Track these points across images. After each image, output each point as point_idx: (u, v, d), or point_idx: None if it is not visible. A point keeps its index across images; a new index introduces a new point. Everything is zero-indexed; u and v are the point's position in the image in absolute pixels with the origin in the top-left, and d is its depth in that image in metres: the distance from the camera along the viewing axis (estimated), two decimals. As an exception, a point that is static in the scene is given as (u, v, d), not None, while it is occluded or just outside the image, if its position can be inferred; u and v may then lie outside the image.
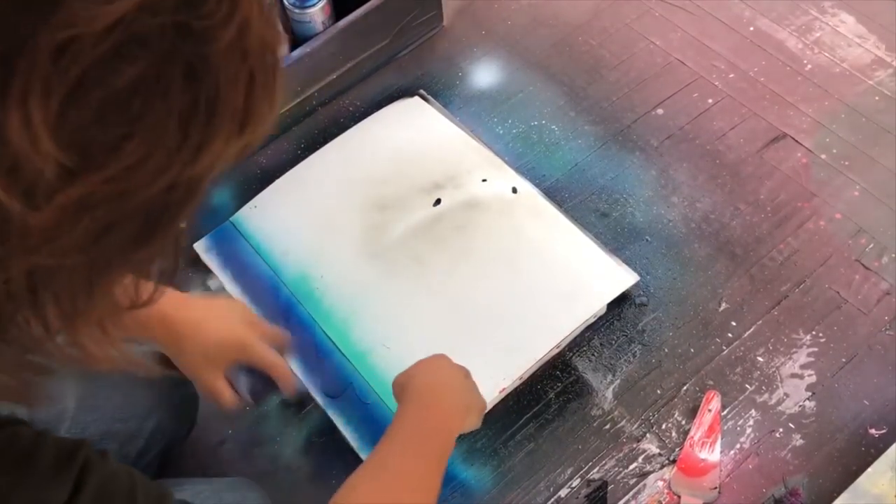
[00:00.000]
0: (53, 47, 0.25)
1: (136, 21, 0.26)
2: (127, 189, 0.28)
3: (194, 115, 0.29)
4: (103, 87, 0.26)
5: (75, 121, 0.26)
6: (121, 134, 0.27)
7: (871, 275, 0.99)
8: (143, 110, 0.27)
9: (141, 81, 0.27)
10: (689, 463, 0.87)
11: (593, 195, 1.08)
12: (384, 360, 0.93)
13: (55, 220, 0.27)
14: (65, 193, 0.27)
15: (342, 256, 1.01)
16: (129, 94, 0.27)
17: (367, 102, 1.19)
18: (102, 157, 0.27)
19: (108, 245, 0.30)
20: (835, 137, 1.11)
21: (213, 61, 0.28)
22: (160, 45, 0.27)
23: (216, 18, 0.28)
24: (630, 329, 0.97)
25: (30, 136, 0.25)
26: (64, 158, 0.26)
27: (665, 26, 1.24)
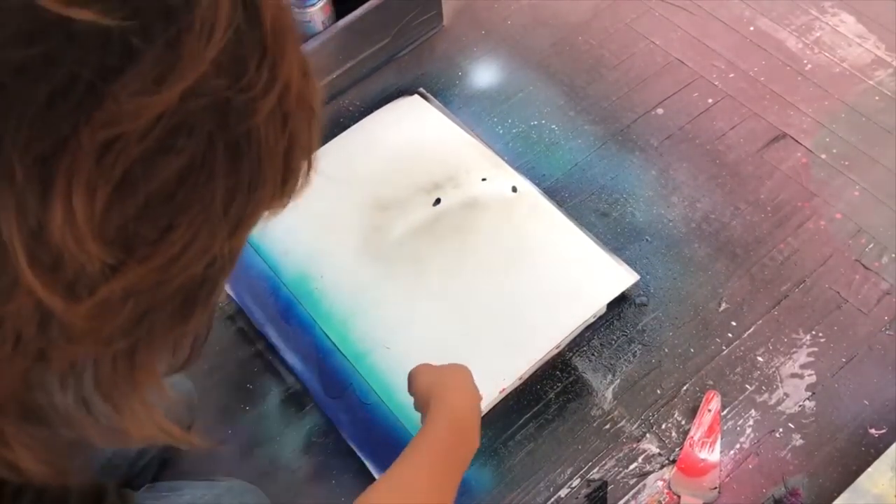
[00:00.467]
0: (97, 146, 0.24)
1: (181, 109, 0.24)
2: (170, 276, 0.28)
3: (237, 193, 0.28)
4: (148, 181, 0.25)
5: (119, 217, 0.25)
6: (166, 225, 0.26)
7: (871, 275, 0.99)
8: (188, 200, 0.26)
9: (186, 170, 0.26)
10: (688, 463, 0.87)
11: (593, 195, 1.08)
12: (384, 361, 0.93)
13: (97, 312, 0.26)
14: (108, 287, 0.26)
15: (342, 256, 1.01)
16: (175, 186, 0.26)
17: (367, 102, 1.19)
18: (146, 250, 0.26)
19: (149, 327, 0.29)
20: (835, 137, 1.11)
21: (254, 134, 0.27)
22: (203, 129, 0.25)
23: (257, 89, 0.26)
24: (630, 329, 0.97)
25: (73, 236, 0.24)
26: (107, 256, 0.25)
27: (665, 26, 1.24)
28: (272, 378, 0.96)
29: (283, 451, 0.91)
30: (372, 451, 0.89)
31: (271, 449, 0.91)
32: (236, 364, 0.97)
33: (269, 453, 0.91)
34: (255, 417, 0.93)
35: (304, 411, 0.94)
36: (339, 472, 0.89)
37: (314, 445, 0.92)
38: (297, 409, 0.94)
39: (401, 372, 0.92)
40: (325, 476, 0.90)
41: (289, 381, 0.96)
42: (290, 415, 0.94)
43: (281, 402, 0.94)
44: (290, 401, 0.94)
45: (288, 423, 0.93)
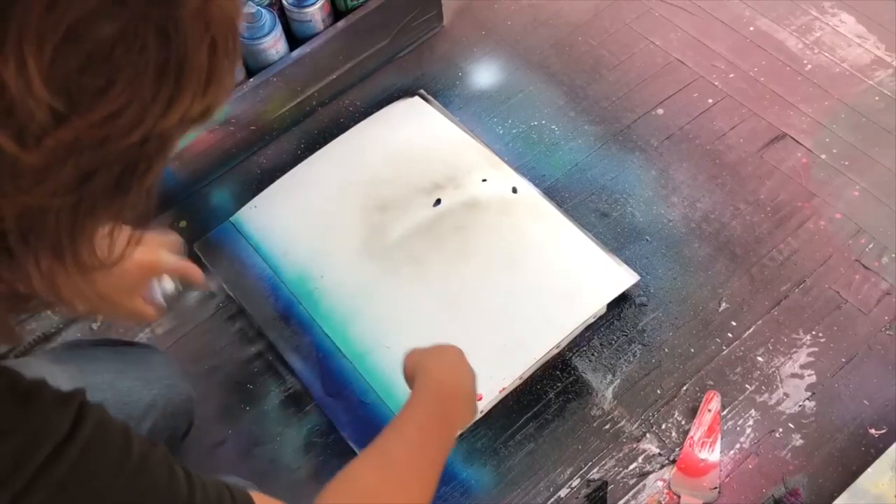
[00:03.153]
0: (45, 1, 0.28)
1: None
2: (108, 136, 0.32)
3: (166, 71, 0.32)
4: (89, 38, 0.29)
5: (64, 68, 0.29)
6: (104, 82, 0.31)
7: (871, 275, 0.99)
8: (123, 62, 0.31)
9: (121, 36, 0.30)
10: (688, 463, 0.87)
11: (593, 195, 1.08)
12: (383, 360, 0.93)
13: (45, 161, 0.30)
14: (54, 136, 0.30)
15: (342, 256, 1.01)
16: (111, 47, 0.30)
17: (367, 102, 1.19)
18: (88, 103, 0.30)
19: (91, 190, 0.33)
20: (835, 137, 1.11)
21: (181, 25, 0.32)
22: (136, 5, 0.30)
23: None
24: (630, 329, 0.97)
25: (24, 81, 0.28)
26: (55, 102, 0.29)
27: (665, 26, 1.24)
28: (272, 378, 0.96)
29: (283, 451, 0.91)
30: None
31: (271, 449, 0.91)
32: (236, 364, 0.97)
33: (269, 453, 0.91)
34: (255, 417, 0.94)
35: (304, 411, 0.94)
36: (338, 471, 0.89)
37: (314, 445, 0.92)
38: (297, 409, 0.94)
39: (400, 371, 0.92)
40: (325, 476, 0.89)
41: (289, 381, 0.96)
42: (290, 415, 0.94)
43: (281, 402, 0.94)
44: (290, 401, 0.94)
45: (288, 423, 0.93)
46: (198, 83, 0.34)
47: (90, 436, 0.39)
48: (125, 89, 0.31)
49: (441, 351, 0.73)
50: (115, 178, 0.34)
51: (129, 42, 0.30)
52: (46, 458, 0.37)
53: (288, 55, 1.10)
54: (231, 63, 0.36)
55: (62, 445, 0.38)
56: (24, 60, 0.28)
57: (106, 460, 0.40)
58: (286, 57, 1.10)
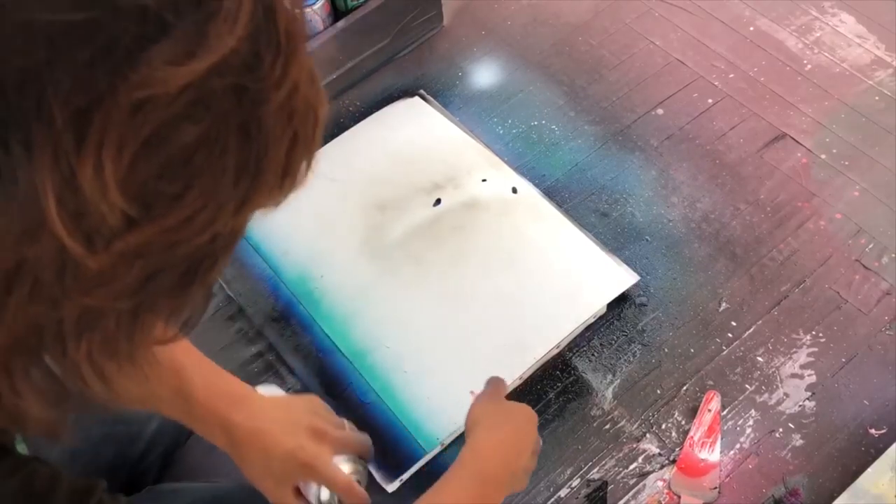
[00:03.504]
0: (130, 104, 0.27)
1: (205, 83, 0.28)
2: (179, 239, 0.30)
3: (244, 171, 0.31)
4: (171, 143, 0.28)
5: (143, 174, 0.28)
6: (182, 187, 0.29)
7: (871, 275, 0.99)
8: (202, 166, 0.29)
9: (203, 140, 0.29)
10: (689, 463, 0.87)
11: (593, 195, 1.08)
12: (384, 360, 0.93)
13: (111, 265, 0.29)
14: (124, 240, 0.28)
15: (342, 256, 1.01)
16: (192, 151, 0.29)
17: (367, 102, 1.19)
18: (162, 209, 0.29)
19: (154, 290, 0.31)
20: (835, 137, 1.11)
21: (264, 121, 0.30)
22: (221, 105, 0.29)
23: (270, 82, 0.30)
24: (630, 329, 0.97)
25: (100, 186, 0.27)
26: (128, 208, 0.28)
27: (665, 26, 1.24)
28: (272, 378, 0.96)
29: (284, 451, 0.91)
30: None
31: (271, 449, 0.91)
32: (236, 364, 0.97)
33: (270, 453, 0.91)
34: (255, 417, 0.93)
35: (304, 411, 0.94)
36: (339, 472, 0.89)
37: (314, 445, 0.91)
38: (298, 409, 0.94)
39: (400, 371, 0.92)
40: (326, 476, 0.89)
41: (289, 381, 0.96)
42: (290, 415, 0.93)
43: (281, 402, 0.94)
44: None
45: (288, 423, 0.93)
46: (275, 178, 0.33)
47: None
48: (201, 193, 0.30)
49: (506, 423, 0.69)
50: (179, 277, 0.32)
51: (209, 146, 0.29)
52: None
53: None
54: (311, 153, 0.34)
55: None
56: (102, 165, 0.27)
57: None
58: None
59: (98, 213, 0.27)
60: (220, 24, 0.28)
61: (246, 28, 0.28)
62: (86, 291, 0.29)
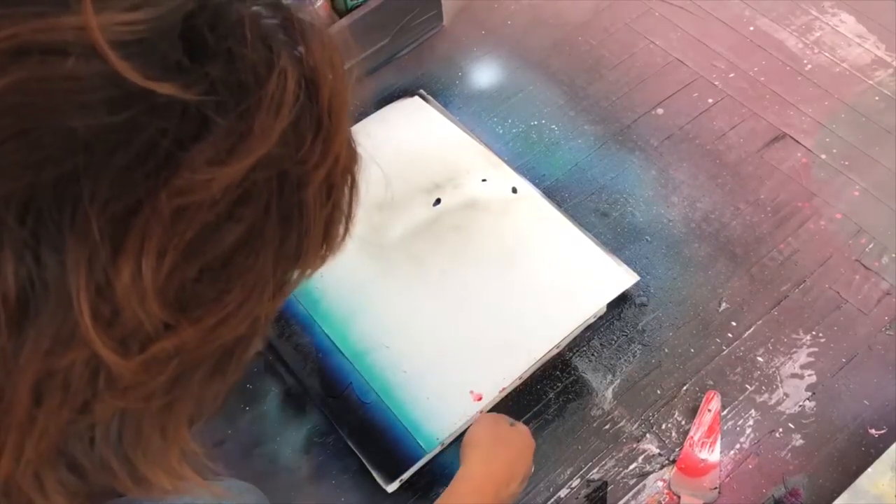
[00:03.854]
0: (171, 211, 0.25)
1: (247, 180, 0.26)
2: (217, 335, 0.29)
3: (285, 257, 0.29)
4: (212, 246, 0.26)
5: (181, 279, 0.26)
6: (220, 290, 0.28)
7: (871, 275, 0.99)
8: (243, 265, 0.28)
9: (243, 239, 0.27)
10: (689, 463, 0.87)
11: (593, 195, 1.08)
12: (384, 360, 0.93)
13: (146, 368, 0.27)
14: (160, 344, 0.27)
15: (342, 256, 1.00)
16: (232, 252, 0.27)
17: (367, 102, 1.19)
18: (200, 311, 0.28)
19: (186, 387, 0.30)
20: (835, 137, 1.11)
21: (304, 204, 0.29)
22: (262, 199, 0.27)
23: (311, 162, 0.28)
24: (630, 329, 0.97)
25: (138, 294, 0.25)
26: (166, 316, 0.26)
27: (665, 26, 1.24)
28: (272, 378, 0.96)
29: (283, 451, 0.91)
30: (371, 451, 0.89)
31: (271, 449, 0.91)
32: (236, 364, 0.97)
33: (269, 453, 0.91)
34: (255, 417, 0.93)
35: (304, 411, 0.94)
36: (339, 472, 0.89)
37: (314, 445, 0.91)
38: (297, 409, 0.94)
39: (400, 371, 0.92)
40: (325, 476, 0.90)
41: (289, 381, 0.96)
42: (290, 415, 0.93)
43: (281, 402, 0.94)
44: (290, 401, 0.94)
45: (288, 423, 0.93)
46: (315, 252, 0.31)
47: None
48: (242, 291, 0.28)
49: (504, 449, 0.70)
50: (213, 369, 0.31)
51: (250, 244, 0.27)
52: None
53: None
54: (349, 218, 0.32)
55: None
56: (141, 273, 0.25)
57: None
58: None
59: (134, 321, 0.26)
60: (263, 114, 0.26)
61: (290, 114, 0.26)
62: (118, 395, 0.28)
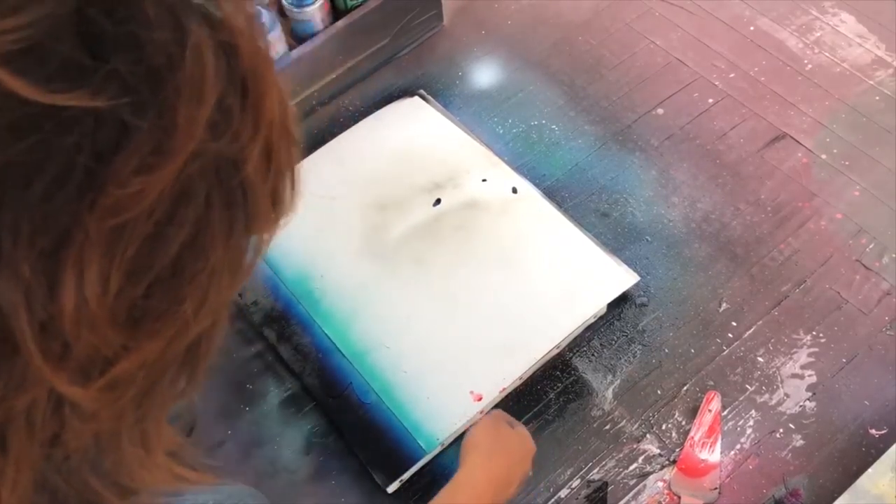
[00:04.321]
0: (105, 233, 0.23)
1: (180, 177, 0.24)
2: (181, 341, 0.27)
3: (234, 240, 0.27)
4: (158, 259, 0.24)
5: (130, 298, 0.24)
6: (175, 298, 0.26)
7: (872, 275, 0.99)
8: (194, 268, 0.26)
9: (189, 241, 0.25)
10: (689, 463, 0.87)
11: (593, 195, 1.08)
12: (384, 360, 0.93)
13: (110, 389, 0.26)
14: (120, 367, 0.25)
15: (342, 256, 1.01)
16: (179, 257, 0.25)
17: (367, 102, 1.19)
18: (157, 325, 0.26)
19: (158, 392, 0.29)
20: (835, 137, 1.11)
21: (248, 181, 0.26)
22: (201, 193, 0.25)
23: (245, 136, 0.25)
24: (630, 329, 0.97)
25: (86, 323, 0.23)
26: (121, 338, 0.25)
27: (665, 26, 1.24)
28: (272, 378, 0.96)
29: (283, 452, 0.91)
30: (371, 451, 0.89)
31: (271, 449, 0.91)
32: (236, 364, 0.97)
33: (269, 453, 0.91)
34: (255, 417, 0.93)
35: (304, 411, 0.94)
36: (339, 472, 0.89)
37: (314, 446, 0.91)
38: (297, 409, 0.94)
39: (400, 371, 0.92)
40: (325, 476, 0.90)
41: (289, 381, 0.95)
42: (290, 415, 0.93)
43: (281, 402, 0.94)
44: (290, 401, 0.94)
45: (288, 423, 0.93)
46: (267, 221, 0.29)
47: None
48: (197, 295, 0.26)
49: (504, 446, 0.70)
50: (180, 367, 0.29)
51: (197, 244, 0.25)
52: None
53: (287, 55, 1.10)
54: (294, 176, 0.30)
55: None
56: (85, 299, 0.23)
57: None
58: (286, 56, 1.10)
59: (88, 348, 0.24)
60: (185, 102, 0.23)
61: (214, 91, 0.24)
62: (88, 421, 0.26)
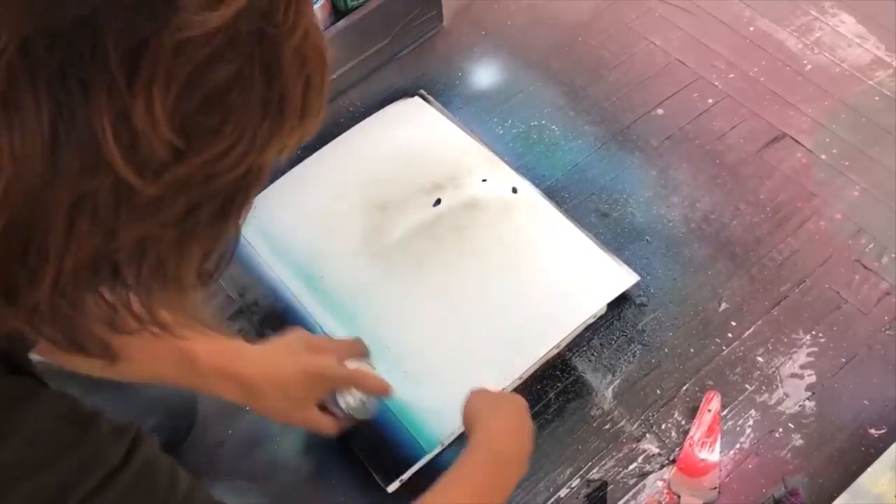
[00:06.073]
0: (172, 46, 0.29)
1: (233, 26, 0.31)
2: (217, 172, 0.33)
3: (270, 108, 0.34)
4: (208, 80, 0.31)
5: (186, 109, 0.31)
6: (219, 121, 0.32)
7: (871, 275, 0.99)
8: (235, 102, 0.32)
9: (235, 78, 0.32)
10: (688, 463, 0.87)
11: (593, 195, 1.08)
12: (384, 360, 0.93)
13: (160, 195, 0.32)
14: (172, 171, 0.31)
15: (342, 256, 1.01)
16: (226, 88, 0.32)
17: (367, 103, 1.19)
18: (204, 141, 0.32)
19: (196, 221, 0.34)
20: (835, 137, 1.11)
21: (283, 63, 0.33)
22: (247, 47, 0.32)
23: (285, 27, 0.33)
24: (630, 329, 0.97)
25: (151, 120, 0.30)
26: (176, 141, 0.31)
27: (665, 26, 1.24)
28: (272, 378, 0.96)
29: (283, 451, 0.91)
30: (371, 451, 0.89)
31: (271, 449, 0.91)
32: (236, 364, 0.97)
33: (269, 453, 0.91)
34: (255, 417, 0.93)
35: (304, 411, 0.94)
36: (339, 472, 0.89)
37: (314, 445, 0.91)
38: (297, 409, 0.94)
39: (400, 371, 0.92)
40: (325, 476, 0.90)
41: (289, 381, 0.95)
42: (290, 415, 0.93)
43: (281, 402, 0.94)
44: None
45: (288, 423, 0.93)
46: (295, 117, 0.35)
47: (141, 467, 0.40)
48: (236, 128, 0.33)
49: (505, 408, 0.72)
50: (218, 209, 0.35)
51: (241, 83, 0.32)
52: (97, 484, 0.38)
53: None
54: (322, 96, 0.37)
55: (113, 473, 0.38)
56: (153, 101, 0.30)
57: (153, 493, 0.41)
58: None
59: (149, 145, 0.30)
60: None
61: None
62: (139, 220, 0.32)
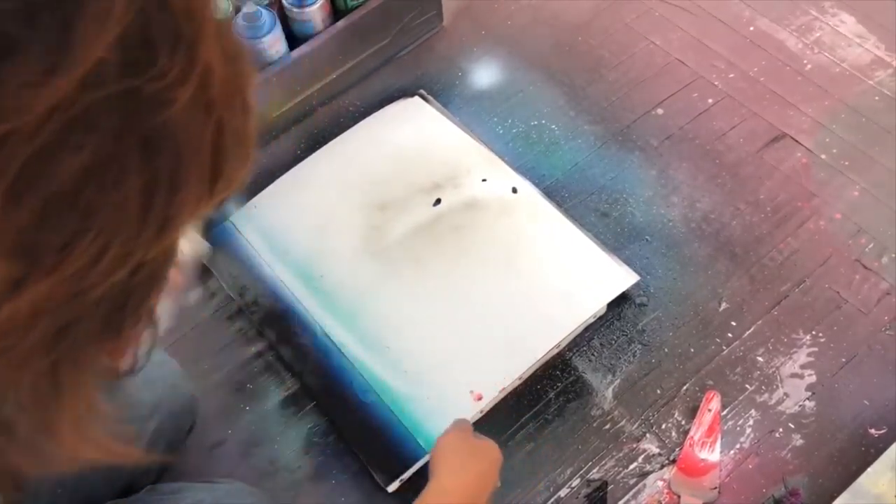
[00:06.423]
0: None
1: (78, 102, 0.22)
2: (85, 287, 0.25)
3: (155, 192, 0.25)
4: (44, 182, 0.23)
5: (17, 224, 0.23)
6: (71, 232, 0.24)
7: (871, 275, 0.99)
8: (95, 202, 0.24)
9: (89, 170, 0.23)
10: (689, 463, 0.87)
11: (593, 195, 1.08)
12: (384, 360, 0.93)
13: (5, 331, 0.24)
14: (12, 304, 0.24)
15: (342, 256, 1.01)
16: (77, 187, 0.23)
17: (367, 102, 1.19)
18: (53, 260, 0.24)
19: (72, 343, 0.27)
20: (835, 137, 1.11)
21: (172, 127, 0.25)
22: (108, 123, 0.23)
23: (171, 76, 0.24)
24: (630, 329, 0.97)
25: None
26: (8, 267, 0.23)
27: (665, 26, 1.24)
28: (272, 378, 0.96)
29: (283, 451, 0.91)
30: (371, 451, 0.89)
31: (271, 449, 0.91)
32: (236, 364, 0.97)
33: (269, 453, 0.91)
34: (255, 417, 0.93)
35: (304, 411, 0.94)
36: (339, 472, 0.89)
37: (314, 445, 0.92)
38: (297, 409, 0.94)
39: (400, 371, 0.92)
40: (325, 476, 0.90)
41: (289, 381, 0.96)
42: (289, 415, 0.93)
43: (281, 402, 0.94)
44: (290, 401, 0.94)
45: (288, 423, 0.93)
46: (201, 185, 0.27)
47: None
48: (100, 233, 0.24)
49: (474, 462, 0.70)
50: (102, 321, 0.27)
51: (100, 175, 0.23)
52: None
53: (287, 55, 1.10)
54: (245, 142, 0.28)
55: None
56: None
57: None
58: (286, 57, 1.10)
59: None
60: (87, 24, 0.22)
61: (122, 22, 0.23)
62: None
